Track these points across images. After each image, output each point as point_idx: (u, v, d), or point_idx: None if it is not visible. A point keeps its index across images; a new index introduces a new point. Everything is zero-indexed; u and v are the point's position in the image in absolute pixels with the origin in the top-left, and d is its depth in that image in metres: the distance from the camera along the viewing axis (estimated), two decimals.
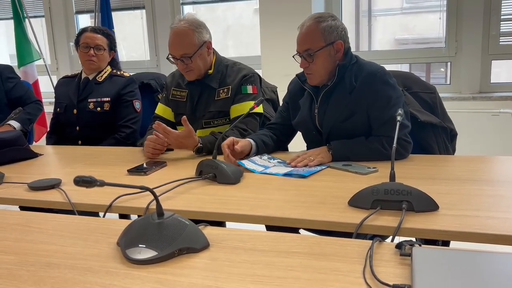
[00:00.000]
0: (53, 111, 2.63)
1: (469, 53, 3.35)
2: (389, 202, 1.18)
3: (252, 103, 1.85)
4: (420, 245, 0.91)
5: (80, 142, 2.50)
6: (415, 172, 1.55)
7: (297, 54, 1.78)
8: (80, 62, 2.54)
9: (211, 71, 2.11)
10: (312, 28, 1.73)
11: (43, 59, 4.18)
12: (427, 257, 0.85)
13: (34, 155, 2.08)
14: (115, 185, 0.99)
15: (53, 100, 2.66)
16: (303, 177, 1.54)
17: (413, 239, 0.98)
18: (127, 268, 0.93)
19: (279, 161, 1.77)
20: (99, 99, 2.47)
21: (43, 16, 4.58)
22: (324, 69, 1.76)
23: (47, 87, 4.24)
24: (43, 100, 3.70)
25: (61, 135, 2.60)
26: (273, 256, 0.96)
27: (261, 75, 2.23)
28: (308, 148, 1.92)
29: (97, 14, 3.99)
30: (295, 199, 1.35)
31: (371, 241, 0.96)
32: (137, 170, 1.72)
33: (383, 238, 1.00)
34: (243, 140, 1.79)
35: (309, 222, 1.19)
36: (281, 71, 2.79)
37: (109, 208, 1.36)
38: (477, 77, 3.37)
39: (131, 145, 2.38)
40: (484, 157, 1.73)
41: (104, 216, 1.36)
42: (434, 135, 1.89)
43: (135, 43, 4.60)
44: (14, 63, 3.83)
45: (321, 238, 1.05)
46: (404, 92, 1.89)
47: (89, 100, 2.47)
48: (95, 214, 1.47)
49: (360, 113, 1.74)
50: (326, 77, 1.78)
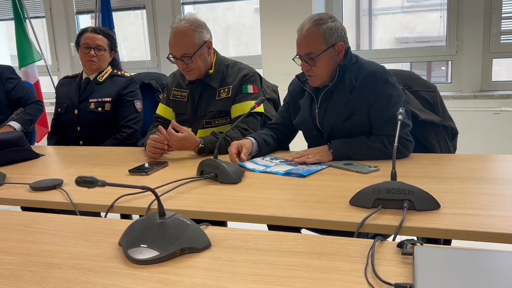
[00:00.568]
0: (54, 111, 2.64)
1: (470, 52, 3.34)
2: (391, 201, 1.18)
3: (253, 103, 1.85)
4: (421, 244, 0.91)
5: (81, 142, 2.50)
6: (416, 171, 1.55)
7: (297, 57, 1.77)
8: (80, 62, 2.55)
9: (211, 71, 2.11)
10: (312, 31, 1.71)
11: (44, 59, 4.18)
12: (428, 256, 0.85)
13: (35, 156, 2.08)
14: (116, 185, 0.99)
15: (54, 100, 2.66)
16: (302, 176, 1.54)
17: (415, 238, 0.98)
18: (129, 268, 0.93)
19: (281, 160, 1.77)
20: (100, 99, 2.47)
21: (43, 16, 4.59)
22: (325, 71, 1.75)
23: (48, 88, 4.24)
24: (44, 100, 3.71)
25: (62, 135, 2.61)
26: (275, 255, 0.96)
27: (261, 75, 2.23)
28: (309, 148, 1.92)
29: (97, 14, 4.00)
30: (296, 198, 1.35)
31: (373, 240, 0.96)
32: (139, 170, 1.72)
33: (384, 237, 1.00)
34: (247, 144, 1.78)
35: (311, 221, 1.19)
36: (281, 71, 2.79)
37: (110, 208, 1.36)
38: (478, 76, 3.37)
39: (132, 145, 2.39)
40: (485, 155, 1.73)
41: (105, 216, 1.36)
42: (435, 134, 1.89)
43: (135, 43, 4.60)
44: (15, 64, 3.84)
45: (323, 237, 1.05)
46: (404, 91, 1.88)
47: (90, 100, 2.48)
48: (97, 214, 1.47)
49: (360, 113, 1.74)
50: (327, 78, 1.78)
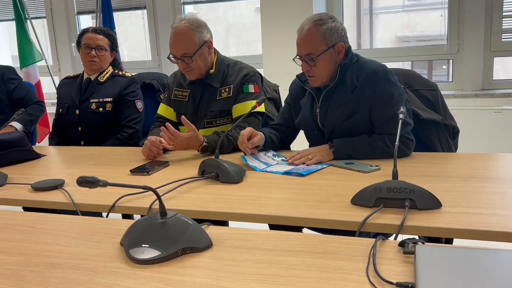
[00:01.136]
0: (55, 112, 2.64)
1: (471, 50, 3.34)
2: (392, 200, 1.17)
3: (254, 102, 1.85)
4: (423, 243, 0.91)
5: (82, 142, 2.51)
6: (417, 170, 1.55)
7: (297, 57, 1.77)
8: (82, 62, 2.55)
9: (212, 71, 2.11)
10: (312, 31, 1.71)
11: (45, 60, 4.19)
12: (430, 255, 0.85)
13: (37, 156, 2.08)
14: (118, 185, 0.99)
15: (55, 101, 2.66)
16: (302, 175, 1.54)
17: (416, 237, 0.97)
18: (130, 268, 0.94)
19: (283, 159, 1.77)
20: (101, 100, 2.47)
21: (44, 17, 4.59)
22: (326, 72, 1.75)
23: (49, 88, 4.25)
24: (45, 101, 3.71)
25: (63, 135, 2.61)
26: (276, 255, 0.96)
27: (262, 74, 2.23)
28: (310, 147, 1.92)
29: (98, 14, 4.00)
30: (298, 198, 1.35)
31: (374, 239, 0.96)
32: (140, 170, 1.72)
33: (386, 236, 1.00)
34: (258, 134, 1.78)
35: (312, 220, 1.19)
36: (282, 70, 2.78)
37: (112, 208, 1.36)
38: (479, 74, 3.36)
39: (134, 145, 2.39)
40: (486, 154, 1.73)
41: (107, 216, 1.36)
42: (436, 133, 1.89)
43: (136, 43, 4.60)
44: (16, 64, 3.84)
45: (324, 236, 1.05)
46: (405, 89, 1.88)
47: (91, 100, 2.48)
48: (98, 214, 1.47)
49: (361, 112, 1.73)
50: (327, 79, 1.78)
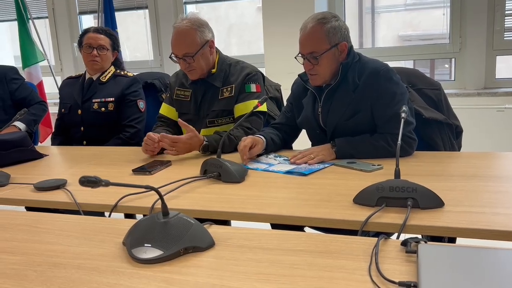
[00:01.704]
0: (57, 111, 2.64)
1: (474, 49, 3.33)
2: (394, 199, 1.17)
3: (256, 102, 1.85)
4: (425, 242, 0.91)
5: (85, 142, 2.51)
6: (420, 169, 1.55)
7: (299, 55, 1.77)
8: (83, 62, 2.55)
9: (214, 70, 2.11)
10: (316, 30, 1.70)
11: (47, 60, 4.20)
12: (433, 254, 0.84)
13: (39, 156, 2.09)
14: (120, 185, 0.99)
15: (58, 101, 2.67)
16: (303, 175, 1.54)
17: (419, 236, 0.97)
18: (133, 267, 0.94)
19: (284, 158, 1.77)
20: (103, 99, 2.47)
21: (46, 17, 4.60)
22: (328, 71, 1.75)
23: (51, 88, 4.25)
24: (48, 101, 3.71)
25: (66, 135, 2.61)
26: (279, 254, 0.96)
27: (264, 74, 2.22)
28: (312, 146, 1.92)
29: (100, 14, 4.00)
30: (300, 197, 1.35)
31: (377, 239, 0.95)
32: (142, 169, 1.72)
33: (388, 235, 1.00)
34: (260, 142, 1.77)
35: (314, 220, 1.19)
36: (284, 69, 2.78)
37: (114, 208, 1.36)
38: (482, 73, 3.35)
39: (136, 145, 2.39)
40: (489, 153, 1.72)
41: (109, 216, 1.36)
42: (439, 132, 1.88)
43: (138, 43, 4.61)
44: (18, 65, 3.85)
45: (326, 236, 1.05)
46: (408, 88, 1.88)
47: (94, 100, 2.48)
48: (101, 214, 1.47)
49: (364, 111, 1.73)
50: (329, 78, 1.78)
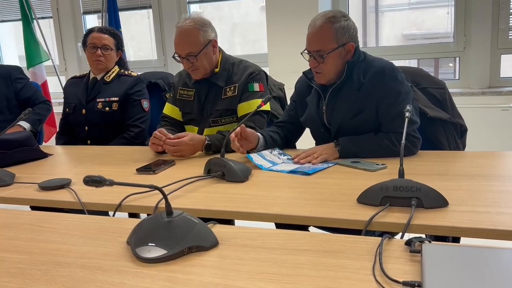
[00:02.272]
0: (62, 111, 2.65)
1: (478, 48, 3.31)
2: (399, 198, 1.17)
3: (259, 101, 1.84)
4: (430, 242, 0.90)
5: (89, 142, 2.52)
6: (424, 168, 1.54)
7: (305, 52, 1.76)
8: (88, 62, 2.56)
9: (217, 70, 2.11)
10: (324, 28, 1.70)
11: (52, 60, 4.21)
12: (437, 254, 0.84)
13: (44, 156, 2.10)
14: (124, 184, 0.99)
15: (62, 100, 2.68)
16: (307, 174, 1.54)
17: (423, 236, 0.97)
18: (137, 266, 0.94)
19: (288, 157, 1.77)
20: (107, 99, 2.48)
21: (51, 17, 4.61)
22: (333, 69, 1.75)
23: (55, 88, 4.27)
24: (52, 100, 3.73)
25: (70, 135, 2.63)
26: (282, 253, 0.96)
27: (268, 73, 2.22)
28: (316, 145, 1.91)
29: (104, 14, 4.02)
30: (304, 196, 1.35)
31: (381, 238, 0.95)
32: (146, 169, 1.72)
33: (392, 235, 1.00)
34: (249, 130, 1.77)
35: (318, 219, 1.19)
36: (288, 68, 2.78)
37: (118, 207, 1.37)
38: (486, 72, 3.33)
39: (140, 145, 2.40)
40: (493, 152, 1.72)
41: (113, 215, 1.37)
42: (444, 131, 1.88)
43: (142, 42, 4.62)
44: (23, 64, 3.86)
45: (330, 235, 1.05)
46: (413, 87, 1.87)
47: (98, 100, 2.49)
48: (105, 213, 1.48)
49: (368, 110, 1.73)
50: (334, 76, 1.77)
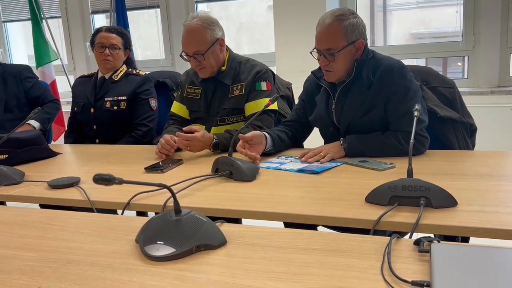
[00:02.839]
0: (70, 110, 2.67)
1: (487, 47, 3.29)
2: (407, 198, 1.16)
3: (267, 100, 1.84)
4: (439, 242, 0.90)
5: (97, 140, 2.53)
6: (433, 167, 1.53)
7: (315, 51, 1.76)
8: (96, 61, 2.57)
9: (224, 68, 2.11)
10: (334, 26, 1.69)
11: (60, 59, 4.24)
12: (446, 254, 0.84)
13: (53, 154, 2.11)
14: (133, 182, 1.00)
15: (71, 99, 2.70)
16: (316, 173, 1.54)
17: (432, 236, 0.97)
18: (145, 264, 0.94)
19: (295, 158, 1.77)
20: (115, 98, 2.49)
21: (59, 16, 4.65)
22: (343, 67, 1.74)
23: (64, 87, 4.30)
24: (61, 99, 3.75)
25: (78, 134, 2.64)
26: (290, 252, 0.96)
27: (275, 72, 2.22)
28: (325, 144, 1.91)
29: (112, 14, 4.04)
30: (311, 195, 1.35)
31: (389, 238, 0.95)
32: (154, 168, 1.73)
33: (401, 234, 1.00)
34: (259, 136, 1.76)
35: (326, 218, 1.19)
36: (295, 68, 2.78)
37: (127, 205, 1.38)
38: (496, 71, 3.31)
39: (148, 143, 2.41)
40: (503, 152, 1.70)
41: (122, 213, 1.37)
42: (453, 130, 1.86)
43: (150, 42, 4.63)
44: (32, 64, 3.89)
45: (338, 234, 1.05)
46: (422, 87, 1.86)
47: (106, 99, 2.50)
48: (113, 211, 1.49)
49: (378, 108, 1.72)
50: (344, 74, 1.77)
